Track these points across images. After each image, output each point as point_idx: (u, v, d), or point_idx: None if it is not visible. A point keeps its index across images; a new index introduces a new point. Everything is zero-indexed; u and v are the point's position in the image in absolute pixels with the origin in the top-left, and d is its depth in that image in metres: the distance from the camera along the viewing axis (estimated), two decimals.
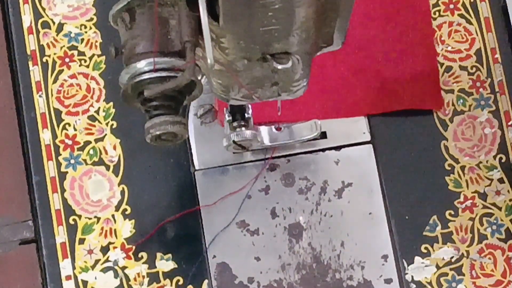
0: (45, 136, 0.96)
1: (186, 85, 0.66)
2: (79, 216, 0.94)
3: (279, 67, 0.67)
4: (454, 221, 0.95)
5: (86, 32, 0.99)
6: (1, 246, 0.94)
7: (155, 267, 0.93)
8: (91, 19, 0.99)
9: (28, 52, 0.98)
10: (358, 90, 0.98)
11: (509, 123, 0.98)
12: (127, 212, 0.94)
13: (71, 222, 0.94)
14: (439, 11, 1.01)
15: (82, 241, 0.94)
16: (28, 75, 0.98)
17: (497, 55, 1.00)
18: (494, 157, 0.97)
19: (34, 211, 0.95)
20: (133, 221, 0.94)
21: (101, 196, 0.95)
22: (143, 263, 0.93)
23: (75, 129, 0.96)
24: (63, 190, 0.95)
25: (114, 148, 0.96)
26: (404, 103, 0.97)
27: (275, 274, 0.95)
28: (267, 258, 0.95)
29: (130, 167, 0.96)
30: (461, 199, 0.96)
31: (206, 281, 0.93)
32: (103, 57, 0.98)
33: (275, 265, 0.95)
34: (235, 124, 0.89)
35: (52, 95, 0.97)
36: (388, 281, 0.95)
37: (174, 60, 0.66)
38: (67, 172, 0.95)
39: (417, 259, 0.95)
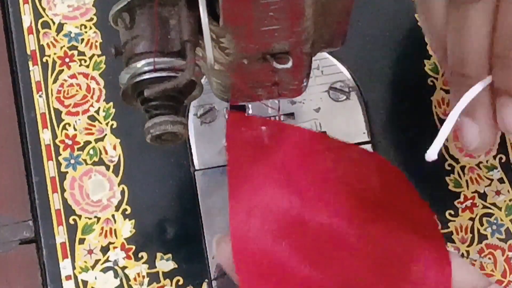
0: (45, 136, 0.96)
1: (186, 85, 0.66)
2: (79, 216, 0.94)
3: (279, 67, 0.67)
4: (454, 221, 0.95)
5: (86, 32, 0.99)
6: (1, 246, 0.94)
7: (155, 267, 0.93)
8: (91, 19, 0.99)
9: (28, 52, 0.98)
10: None
11: None
12: (127, 212, 0.94)
13: (71, 222, 0.94)
14: None
15: (82, 241, 0.94)
16: (28, 75, 0.98)
17: None
18: (494, 157, 0.97)
19: (34, 211, 0.95)
20: (133, 221, 0.94)
21: (101, 196, 0.95)
22: (143, 263, 0.93)
23: (75, 129, 0.96)
24: (63, 190, 0.95)
25: (114, 148, 0.96)
26: None
27: None
28: None
29: (130, 167, 0.96)
30: (461, 199, 0.96)
31: (206, 281, 0.93)
32: (103, 57, 0.98)
33: None
34: None
35: (52, 95, 0.97)
36: None
37: (174, 60, 0.66)
38: (67, 172, 0.95)
39: None
